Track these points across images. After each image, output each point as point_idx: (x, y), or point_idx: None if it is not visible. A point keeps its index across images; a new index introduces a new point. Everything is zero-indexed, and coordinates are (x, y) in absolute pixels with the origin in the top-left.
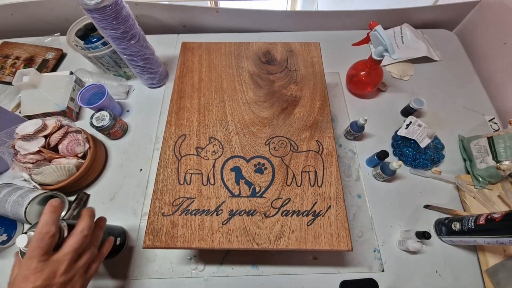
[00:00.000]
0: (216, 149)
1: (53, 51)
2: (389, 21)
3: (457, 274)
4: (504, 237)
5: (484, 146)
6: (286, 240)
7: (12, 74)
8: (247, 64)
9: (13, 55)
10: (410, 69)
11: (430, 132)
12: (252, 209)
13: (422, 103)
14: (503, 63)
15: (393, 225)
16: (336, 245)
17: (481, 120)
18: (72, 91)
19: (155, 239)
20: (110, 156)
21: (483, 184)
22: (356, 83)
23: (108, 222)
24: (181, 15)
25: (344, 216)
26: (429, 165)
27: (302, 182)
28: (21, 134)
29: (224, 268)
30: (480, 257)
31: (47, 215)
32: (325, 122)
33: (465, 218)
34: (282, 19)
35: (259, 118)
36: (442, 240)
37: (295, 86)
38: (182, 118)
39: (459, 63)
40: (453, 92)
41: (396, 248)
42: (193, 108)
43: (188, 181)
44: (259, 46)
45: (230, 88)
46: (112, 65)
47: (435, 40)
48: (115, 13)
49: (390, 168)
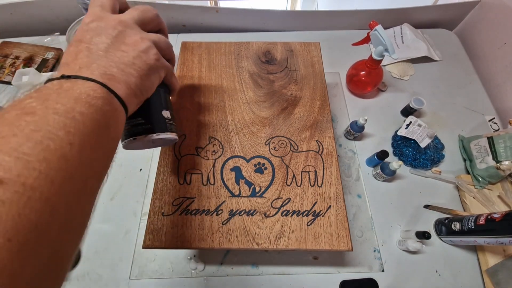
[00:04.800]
0: (216, 149)
1: (53, 50)
2: (389, 20)
3: (457, 274)
4: (504, 237)
5: (484, 146)
6: (286, 240)
7: (12, 73)
8: (247, 64)
9: (13, 54)
10: (410, 69)
11: (430, 132)
12: (252, 209)
13: (422, 103)
14: (503, 63)
15: (393, 225)
16: (336, 245)
17: (481, 120)
18: None
19: (155, 239)
20: None
21: (483, 184)
22: (356, 83)
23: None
24: (181, 14)
25: (344, 216)
26: (429, 165)
27: (302, 182)
28: None
29: (224, 268)
30: (480, 257)
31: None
32: (325, 122)
33: (465, 218)
34: (282, 18)
35: (259, 118)
36: (442, 240)
37: (295, 85)
38: (182, 118)
39: (459, 63)
40: (453, 92)
41: (396, 248)
42: (193, 107)
43: (188, 181)
44: (259, 45)
45: (230, 87)
46: None
47: (435, 40)
48: None
49: (390, 168)
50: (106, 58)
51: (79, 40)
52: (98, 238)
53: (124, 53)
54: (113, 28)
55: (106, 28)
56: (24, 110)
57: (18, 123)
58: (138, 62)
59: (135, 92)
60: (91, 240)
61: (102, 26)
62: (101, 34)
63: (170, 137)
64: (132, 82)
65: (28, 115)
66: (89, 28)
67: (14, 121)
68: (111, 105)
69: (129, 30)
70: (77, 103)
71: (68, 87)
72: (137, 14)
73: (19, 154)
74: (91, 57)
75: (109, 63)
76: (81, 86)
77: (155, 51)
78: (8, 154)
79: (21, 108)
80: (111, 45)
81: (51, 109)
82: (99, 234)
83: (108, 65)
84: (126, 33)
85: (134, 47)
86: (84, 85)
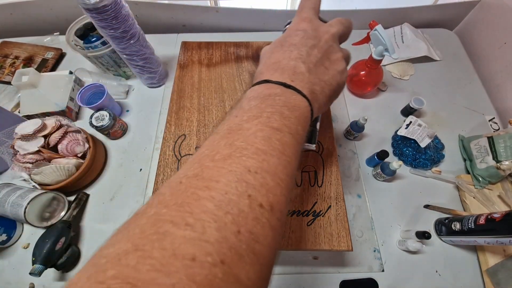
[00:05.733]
0: None
1: (53, 50)
2: (389, 20)
3: (457, 274)
4: (504, 237)
5: (484, 146)
6: (286, 240)
7: (11, 73)
8: (247, 64)
9: (12, 54)
10: (410, 69)
11: (430, 132)
12: None
13: (422, 102)
14: (503, 62)
15: (393, 225)
16: (336, 245)
17: (481, 120)
18: (72, 91)
19: None
20: (109, 156)
21: (483, 184)
22: (356, 82)
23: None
24: (181, 14)
25: (344, 216)
26: (429, 165)
27: (302, 182)
28: (20, 134)
29: None
30: (480, 257)
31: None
32: (325, 122)
33: (465, 218)
34: (282, 18)
35: None
36: (442, 240)
37: None
38: (182, 118)
39: (459, 63)
40: (453, 92)
41: (396, 248)
42: (193, 107)
43: None
44: (259, 45)
45: (230, 87)
46: (112, 64)
47: (435, 40)
48: (114, 13)
49: (390, 168)
50: (314, 73)
51: (293, 45)
52: (98, 238)
53: (325, 70)
54: (325, 42)
55: (320, 40)
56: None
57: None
58: (333, 82)
59: (319, 110)
60: (91, 240)
61: (317, 37)
62: (315, 46)
63: (313, 148)
64: (322, 101)
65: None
66: (305, 36)
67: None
68: (308, 122)
69: (334, 46)
70: (299, 124)
71: (292, 101)
72: (342, 29)
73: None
74: (303, 69)
75: (315, 79)
76: (301, 103)
77: (347, 74)
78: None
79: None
80: (319, 60)
81: (287, 127)
82: (99, 234)
83: (314, 82)
84: (333, 49)
85: (335, 65)
86: (302, 103)
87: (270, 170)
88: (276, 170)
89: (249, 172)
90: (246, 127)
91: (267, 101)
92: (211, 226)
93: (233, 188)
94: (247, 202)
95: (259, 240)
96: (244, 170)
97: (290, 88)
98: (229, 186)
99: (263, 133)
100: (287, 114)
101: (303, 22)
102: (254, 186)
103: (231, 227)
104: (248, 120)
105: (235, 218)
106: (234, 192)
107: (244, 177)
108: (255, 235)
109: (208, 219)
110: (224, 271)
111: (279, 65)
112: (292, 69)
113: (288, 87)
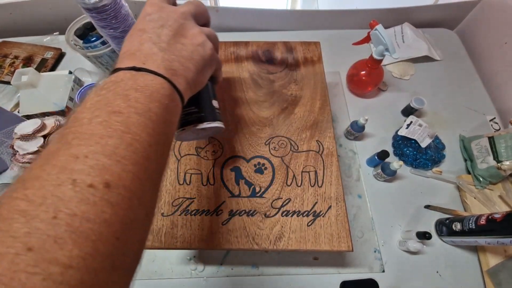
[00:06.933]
0: (216, 149)
1: (52, 50)
2: (389, 20)
3: (457, 275)
4: (505, 238)
5: (485, 146)
6: (286, 240)
7: (11, 73)
8: (247, 64)
9: (12, 54)
10: (410, 69)
11: (430, 132)
12: (252, 209)
13: (423, 102)
14: (504, 62)
15: (394, 226)
16: (336, 245)
17: (482, 120)
18: (71, 91)
19: (155, 240)
20: None
21: (484, 184)
22: (357, 82)
23: None
24: None
25: (344, 216)
26: (430, 165)
27: (302, 182)
28: (19, 134)
29: (224, 268)
30: (481, 257)
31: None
32: (325, 122)
33: (466, 218)
34: (282, 18)
35: (259, 117)
36: (443, 241)
37: (295, 85)
38: None
39: (460, 63)
40: (454, 92)
41: (397, 248)
42: None
43: (187, 181)
44: (259, 45)
45: (230, 87)
46: (111, 64)
47: (436, 40)
48: (114, 12)
49: (390, 168)
50: (169, 51)
51: (142, 30)
52: None
53: (183, 46)
54: (175, 20)
55: (168, 19)
56: (112, 108)
57: (110, 123)
58: (195, 56)
59: (190, 86)
60: None
61: (164, 17)
62: (163, 25)
63: (220, 126)
64: (189, 77)
65: (116, 115)
66: (152, 18)
67: (107, 119)
68: (174, 101)
69: (188, 23)
70: (152, 102)
71: (142, 82)
72: (193, 7)
73: (118, 157)
74: (155, 49)
75: (171, 56)
76: (152, 82)
77: (211, 45)
78: (109, 157)
79: (109, 104)
80: (172, 38)
81: (133, 108)
82: None
83: (171, 58)
84: (186, 26)
85: (192, 40)
86: (154, 81)
87: (107, 151)
88: (116, 150)
89: (77, 159)
90: (80, 118)
91: (112, 89)
92: (19, 221)
93: (53, 179)
94: (69, 187)
95: (89, 218)
96: (68, 159)
97: (141, 70)
98: (47, 180)
99: (100, 119)
100: (133, 95)
101: (148, 7)
102: (81, 170)
103: (43, 215)
104: (83, 111)
105: (49, 206)
106: (52, 183)
107: (68, 165)
108: (82, 214)
109: (17, 216)
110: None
111: (129, 52)
112: (143, 52)
113: (139, 70)
